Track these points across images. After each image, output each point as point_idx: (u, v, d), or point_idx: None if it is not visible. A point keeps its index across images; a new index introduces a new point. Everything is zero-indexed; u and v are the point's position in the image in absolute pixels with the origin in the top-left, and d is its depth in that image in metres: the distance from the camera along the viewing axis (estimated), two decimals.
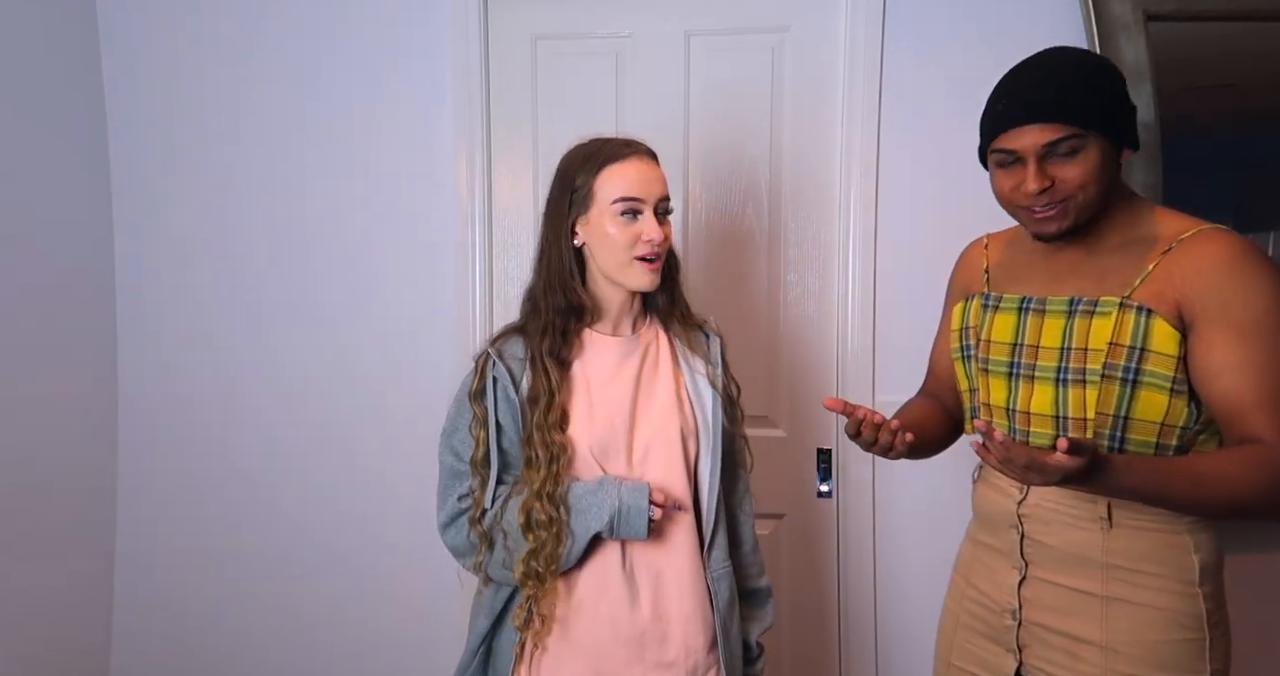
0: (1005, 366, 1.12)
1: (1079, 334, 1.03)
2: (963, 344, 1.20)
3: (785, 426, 1.79)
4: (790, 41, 1.74)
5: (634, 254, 1.11)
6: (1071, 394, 1.03)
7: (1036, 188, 0.99)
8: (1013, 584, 1.12)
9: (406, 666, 1.86)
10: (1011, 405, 1.11)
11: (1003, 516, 1.13)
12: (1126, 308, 0.99)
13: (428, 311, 1.81)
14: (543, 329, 1.12)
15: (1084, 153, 0.99)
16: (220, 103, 1.84)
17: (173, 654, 1.91)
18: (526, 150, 1.82)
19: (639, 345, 1.18)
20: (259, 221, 1.85)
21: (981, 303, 1.18)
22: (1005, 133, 1.02)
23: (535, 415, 1.09)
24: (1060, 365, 1.04)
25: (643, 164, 1.13)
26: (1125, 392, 1.00)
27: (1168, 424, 1.00)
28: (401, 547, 1.84)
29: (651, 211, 1.11)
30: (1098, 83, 1.01)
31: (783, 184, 1.76)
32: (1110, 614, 1.04)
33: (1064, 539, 1.07)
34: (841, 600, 1.77)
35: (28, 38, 1.70)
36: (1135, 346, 0.98)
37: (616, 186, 1.11)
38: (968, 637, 1.20)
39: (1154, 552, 1.02)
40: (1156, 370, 0.98)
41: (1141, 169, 1.57)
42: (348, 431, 1.85)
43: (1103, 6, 1.57)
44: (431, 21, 1.78)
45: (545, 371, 1.10)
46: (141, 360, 1.89)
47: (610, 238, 1.11)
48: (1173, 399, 0.98)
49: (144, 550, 1.91)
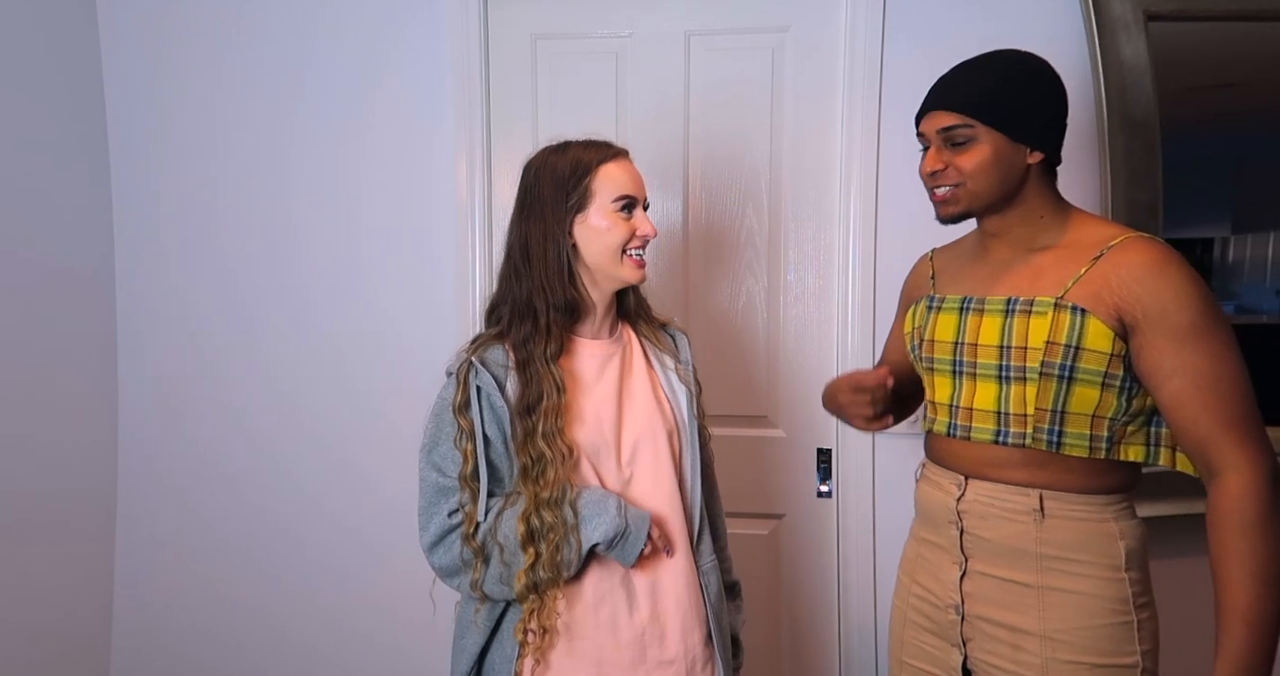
0: (949, 365, 1.16)
1: (1017, 333, 1.07)
2: (911, 346, 1.25)
3: (785, 426, 1.79)
4: (790, 41, 1.74)
5: (631, 247, 1.15)
6: (1013, 390, 1.08)
7: (929, 168, 1.10)
8: (954, 579, 1.15)
9: (403, 670, 1.86)
10: (955, 401, 1.15)
11: (943, 513, 1.17)
12: (1061, 308, 1.04)
13: (428, 312, 1.81)
14: (542, 330, 1.11)
15: (976, 144, 1.07)
16: (220, 103, 1.84)
17: (172, 656, 1.90)
18: (526, 150, 1.77)
19: (619, 347, 1.20)
20: (259, 221, 1.85)
21: (926, 305, 1.23)
22: (920, 118, 1.14)
23: (537, 421, 1.08)
24: (1001, 363, 1.09)
25: (630, 164, 1.18)
26: (1061, 389, 1.05)
27: (1098, 416, 1.06)
28: (400, 551, 1.84)
29: (642, 208, 1.17)
30: (1008, 82, 1.08)
31: (783, 184, 1.76)
32: (1046, 603, 1.08)
33: (1001, 532, 1.10)
34: (841, 600, 1.77)
35: (28, 38, 1.70)
36: (1070, 345, 1.03)
37: (616, 185, 1.14)
38: (916, 635, 1.23)
39: (1084, 541, 1.07)
40: (1089, 367, 1.03)
41: (1142, 169, 1.57)
42: (347, 432, 1.85)
43: (1103, 6, 1.57)
44: (431, 21, 1.78)
45: (550, 375, 1.10)
46: (141, 360, 1.89)
47: (608, 233, 1.13)
48: (1104, 393, 1.04)
49: (144, 551, 1.91)
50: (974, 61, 1.12)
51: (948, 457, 1.18)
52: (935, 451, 1.22)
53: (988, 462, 1.12)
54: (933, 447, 1.23)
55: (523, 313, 1.13)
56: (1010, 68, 1.10)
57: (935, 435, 1.21)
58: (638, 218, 1.16)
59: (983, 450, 1.13)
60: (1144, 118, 1.57)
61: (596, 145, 1.18)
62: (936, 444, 1.21)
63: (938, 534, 1.19)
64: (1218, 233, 1.66)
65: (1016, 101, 1.08)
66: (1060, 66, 1.21)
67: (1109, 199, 1.58)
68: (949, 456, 1.18)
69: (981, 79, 1.09)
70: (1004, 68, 1.09)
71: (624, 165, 1.16)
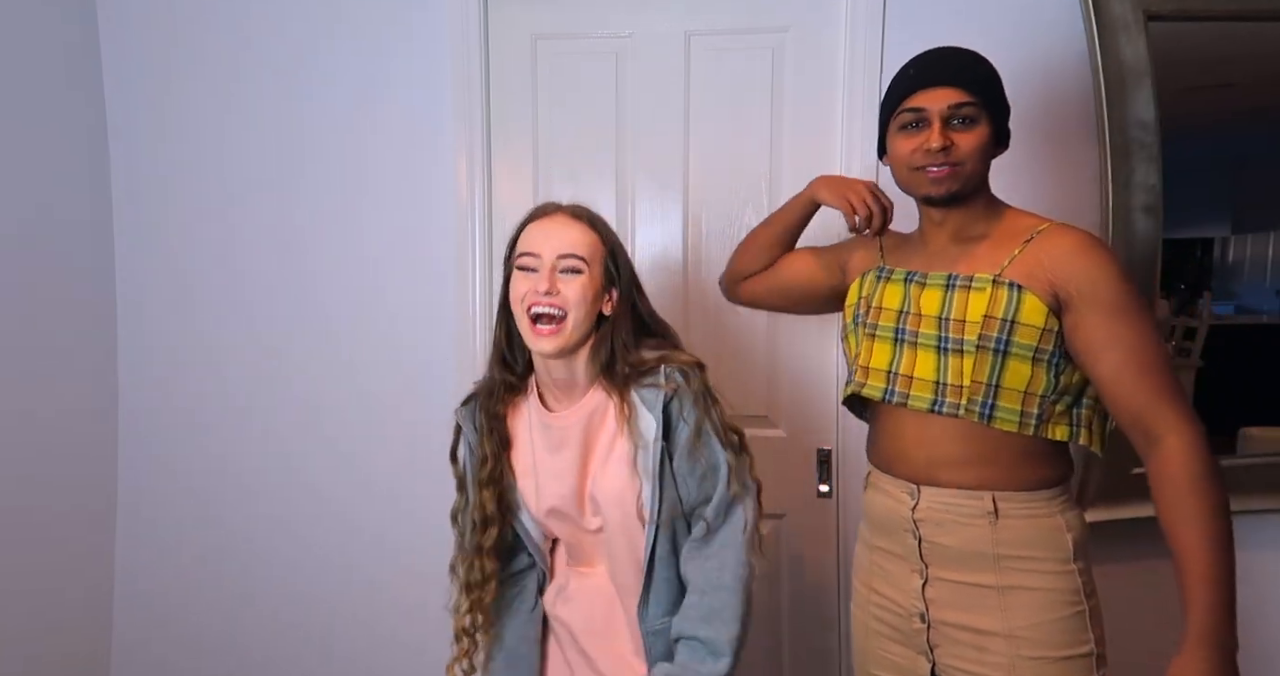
0: (891, 332, 1.19)
1: (957, 306, 1.11)
2: (855, 314, 1.26)
3: (785, 426, 1.79)
4: (790, 41, 1.74)
5: (529, 308, 1.09)
6: (951, 362, 1.11)
7: (939, 144, 1.09)
8: (916, 587, 1.16)
9: (409, 668, 1.86)
10: (894, 368, 1.17)
11: (897, 522, 1.18)
12: (999, 284, 1.09)
13: (427, 312, 1.81)
14: (486, 389, 1.18)
15: (978, 126, 1.11)
16: (219, 103, 1.84)
17: (173, 657, 1.91)
18: (526, 150, 1.82)
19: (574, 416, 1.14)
20: (258, 221, 1.85)
21: (875, 275, 1.26)
22: (917, 93, 1.12)
23: (479, 474, 1.15)
24: (940, 334, 1.12)
25: (548, 222, 1.12)
26: (996, 362, 1.08)
27: (1029, 392, 1.08)
28: (400, 551, 1.84)
29: (549, 267, 1.09)
30: (994, 74, 1.14)
31: (783, 184, 1.76)
32: (1006, 603, 1.10)
33: (959, 537, 1.12)
34: (842, 600, 1.77)
35: (28, 38, 1.70)
36: (1006, 319, 1.07)
37: (524, 243, 1.13)
38: (880, 644, 1.22)
39: (1036, 538, 1.10)
40: (1023, 341, 1.07)
41: (1142, 169, 1.57)
42: (347, 432, 1.85)
43: (1103, 6, 1.57)
44: (431, 21, 1.78)
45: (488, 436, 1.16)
46: (140, 360, 1.89)
47: (512, 296, 1.13)
48: (1035, 368, 1.07)
49: (144, 551, 1.91)
50: (956, 49, 1.15)
51: (896, 463, 1.19)
52: (882, 457, 1.23)
53: (936, 463, 1.13)
54: (880, 453, 1.23)
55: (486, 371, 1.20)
56: (987, 61, 1.14)
57: (881, 434, 1.22)
58: (535, 277, 1.09)
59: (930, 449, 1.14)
60: (1144, 118, 1.57)
61: (539, 207, 1.17)
62: (884, 449, 1.22)
63: (893, 542, 1.19)
64: (1218, 233, 1.66)
65: (1002, 95, 1.14)
66: (1060, 66, 1.22)
67: (1109, 198, 1.58)
68: (898, 462, 1.18)
69: (979, 66, 1.13)
70: (984, 59, 1.14)
71: (540, 224, 1.12)
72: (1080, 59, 1.60)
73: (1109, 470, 1.59)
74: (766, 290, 1.43)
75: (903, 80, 1.16)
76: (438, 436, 1.85)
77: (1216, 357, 1.65)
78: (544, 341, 1.08)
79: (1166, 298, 1.65)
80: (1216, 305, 1.67)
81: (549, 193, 1.80)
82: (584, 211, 1.16)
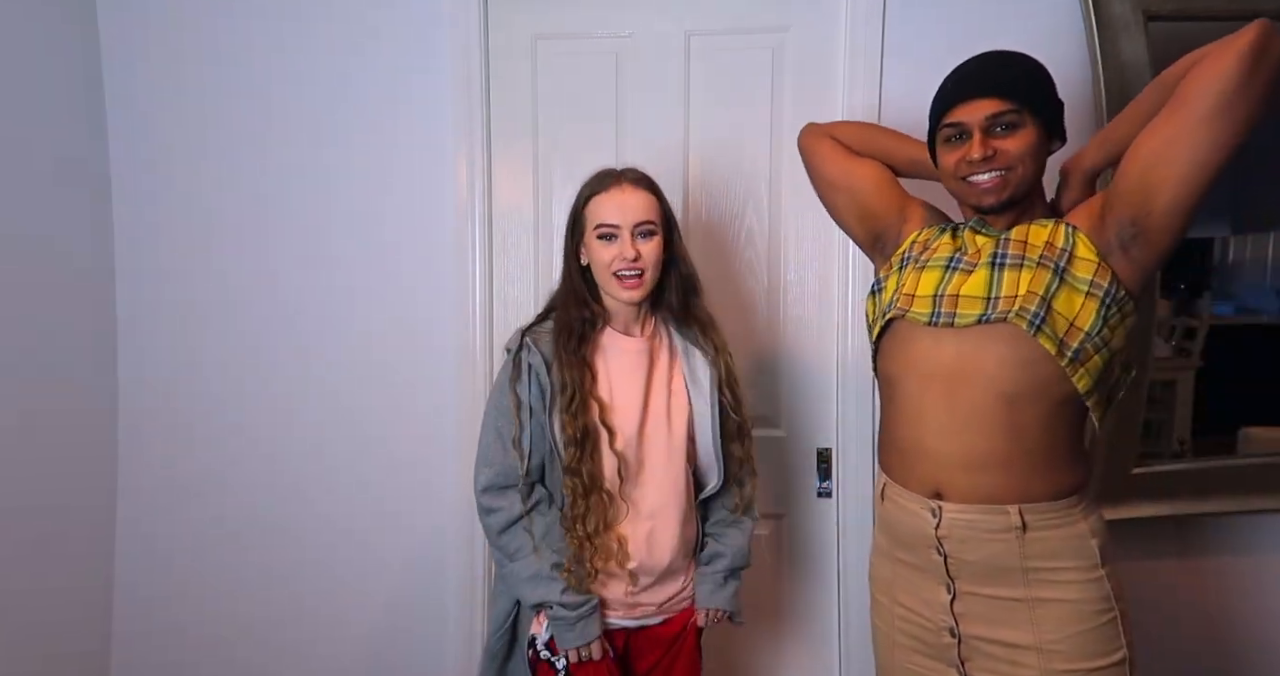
0: (944, 261, 1.18)
1: (1016, 234, 1.13)
2: (903, 257, 1.26)
3: (785, 426, 1.79)
4: (790, 41, 1.74)
5: (615, 271, 1.29)
6: (1007, 276, 1.10)
7: (980, 154, 1.09)
8: (944, 601, 1.15)
9: (408, 670, 1.86)
10: (941, 291, 1.15)
11: (920, 539, 1.16)
12: (1060, 223, 1.12)
13: (427, 311, 1.81)
14: (564, 331, 1.31)
15: (1022, 129, 1.10)
16: (218, 103, 1.84)
17: (173, 660, 1.90)
18: (526, 150, 1.82)
19: (647, 341, 1.37)
20: (257, 221, 1.85)
21: (940, 228, 1.26)
22: (954, 108, 1.12)
23: (562, 402, 1.27)
24: (997, 251, 1.13)
25: (616, 193, 1.30)
26: (1054, 282, 1.07)
27: (1076, 325, 1.07)
28: (400, 551, 1.84)
29: (628, 234, 1.28)
30: (1036, 74, 1.13)
31: (783, 184, 1.76)
32: (1036, 616, 1.09)
33: (986, 552, 1.11)
34: (841, 600, 1.77)
35: (28, 38, 1.70)
36: (1065, 248, 1.09)
37: (595, 215, 1.30)
38: (906, 657, 1.21)
39: (1063, 548, 1.09)
40: (1079, 273, 1.07)
41: None
42: (346, 432, 1.85)
43: (1103, 6, 1.58)
44: (431, 21, 1.78)
45: (572, 366, 1.28)
46: (141, 360, 1.89)
47: (594, 258, 1.31)
48: (1086, 301, 1.06)
49: (144, 552, 1.90)
50: (996, 55, 1.14)
51: (914, 462, 1.16)
52: (894, 464, 1.21)
53: (954, 463, 1.10)
54: (895, 450, 1.20)
55: (557, 311, 1.35)
56: (1030, 61, 1.13)
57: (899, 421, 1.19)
58: (619, 244, 1.28)
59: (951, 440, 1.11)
60: None
61: (600, 176, 1.33)
62: (901, 439, 1.18)
63: (916, 556, 1.18)
64: (1218, 233, 1.66)
65: (1049, 92, 1.13)
66: (1060, 66, 1.21)
67: None
68: (915, 460, 1.15)
69: (1017, 69, 1.12)
70: (1026, 61, 1.13)
71: (609, 195, 1.30)
72: (1080, 59, 1.60)
73: (1109, 470, 1.59)
74: (832, 162, 1.36)
75: (942, 95, 1.15)
76: (438, 435, 1.88)
77: (1216, 358, 1.65)
78: (631, 293, 1.30)
79: (1166, 298, 1.65)
80: (1216, 305, 1.67)
81: (549, 193, 1.81)
82: (642, 177, 1.34)
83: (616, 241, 1.28)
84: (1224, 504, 1.63)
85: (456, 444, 1.80)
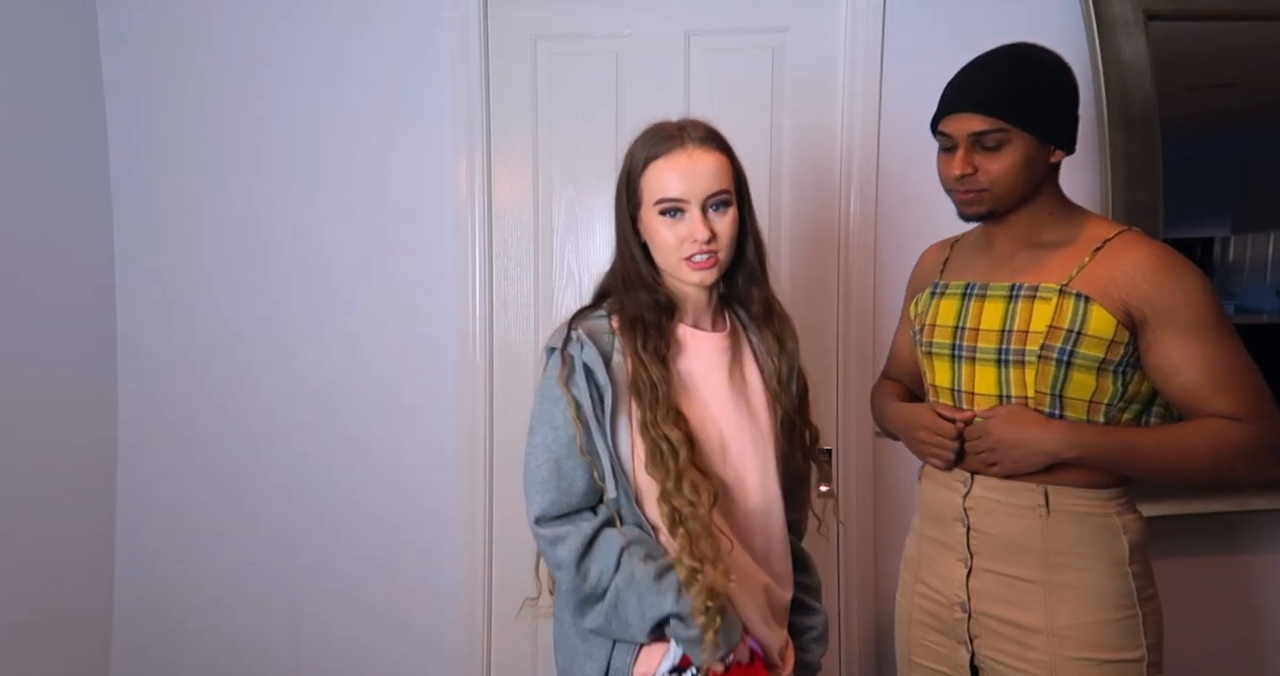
0: (948, 348, 1.18)
1: (1020, 317, 1.10)
2: (914, 332, 1.27)
3: None
4: (790, 41, 1.74)
5: (686, 253, 1.04)
6: (1013, 374, 1.10)
7: (958, 172, 1.09)
8: (960, 576, 1.16)
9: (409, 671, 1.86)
10: (956, 386, 1.17)
11: (948, 510, 1.18)
12: (1066, 294, 1.07)
13: (427, 311, 1.81)
14: (636, 323, 1.05)
15: (1009, 147, 1.07)
16: (218, 103, 1.84)
17: (173, 659, 1.90)
18: (526, 150, 1.82)
19: (727, 338, 1.12)
20: (256, 222, 1.85)
21: (930, 292, 1.25)
22: (944, 118, 1.12)
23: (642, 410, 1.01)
24: (1001, 346, 1.11)
25: (681, 157, 1.04)
26: (1060, 373, 1.06)
27: (1095, 401, 1.07)
28: (400, 550, 1.84)
29: (698, 209, 1.03)
30: (1038, 83, 1.08)
31: (783, 184, 1.76)
32: (1051, 600, 1.09)
33: (1006, 528, 1.12)
34: (841, 600, 1.77)
35: (28, 38, 1.70)
36: (1073, 329, 1.05)
37: (655, 188, 1.04)
38: (923, 634, 1.23)
39: (1088, 536, 1.08)
40: (1088, 353, 1.05)
41: (1142, 168, 1.57)
42: (348, 432, 1.85)
43: (1103, 6, 1.58)
44: (431, 21, 1.78)
45: (648, 367, 1.02)
46: (139, 360, 1.89)
47: (657, 238, 1.05)
48: (1099, 378, 1.06)
49: (144, 551, 1.90)
50: (994, 58, 1.11)
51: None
52: None
53: None
54: None
55: (622, 299, 1.09)
56: (1030, 64, 1.09)
57: None
58: (688, 222, 1.03)
59: None
60: (1144, 117, 1.57)
61: (657, 134, 1.07)
62: None
63: (942, 531, 1.19)
64: (1218, 232, 1.66)
65: (1043, 101, 1.08)
66: None
67: (1109, 198, 1.58)
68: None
69: (1008, 79, 1.07)
70: (1025, 65, 1.09)
71: (672, 161, 1.03)
72: (1080, 59, 1.60)
73: None
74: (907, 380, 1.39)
75: (941, 99, 1.14)
76: (440, 433, 1.87)
77: None
78: (701, 275, 1.05)
79: None
80: None
81: (549, 192, 1.80)
82: (710, 132, 1.07)
83: (684, 217, 1.03)
84: (1224, 504, 1.63)
85: (456, 445, 1.80)
